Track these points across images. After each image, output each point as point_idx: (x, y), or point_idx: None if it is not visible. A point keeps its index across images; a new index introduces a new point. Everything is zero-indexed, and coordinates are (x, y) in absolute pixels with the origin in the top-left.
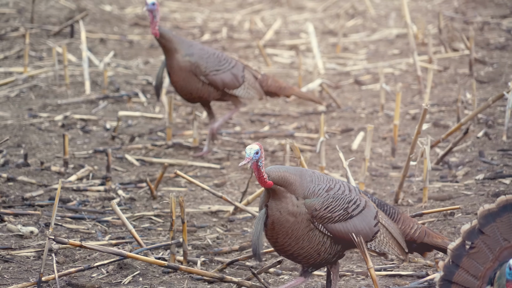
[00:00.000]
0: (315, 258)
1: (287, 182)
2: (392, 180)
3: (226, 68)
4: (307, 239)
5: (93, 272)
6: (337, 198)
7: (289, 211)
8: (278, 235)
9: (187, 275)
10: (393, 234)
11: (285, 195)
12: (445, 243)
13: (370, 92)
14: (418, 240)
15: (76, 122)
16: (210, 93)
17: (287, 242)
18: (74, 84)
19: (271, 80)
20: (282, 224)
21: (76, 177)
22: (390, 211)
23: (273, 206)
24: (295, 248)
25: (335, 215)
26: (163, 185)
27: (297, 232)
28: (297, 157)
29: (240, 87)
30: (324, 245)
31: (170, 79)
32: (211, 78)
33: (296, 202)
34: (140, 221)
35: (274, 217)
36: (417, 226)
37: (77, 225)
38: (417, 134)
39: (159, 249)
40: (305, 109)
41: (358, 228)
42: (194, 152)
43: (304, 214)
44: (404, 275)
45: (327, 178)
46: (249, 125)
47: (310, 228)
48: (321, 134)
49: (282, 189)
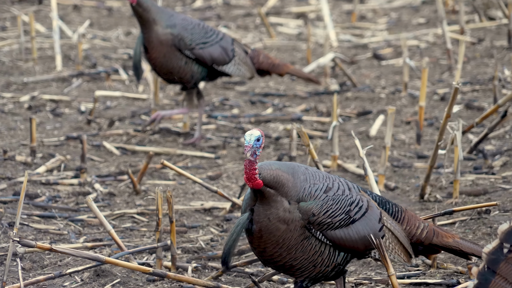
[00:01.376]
0: (310, 271)
1: (279, 183)
2: (417, 172)
3: (214, 40)
4: (301, 248)
5: (65, 280)
6: (338, 200)
7: (280, 217)
8: (266, 244)
9: (176, 284)
10: (399, 239)
11: (275, 199)
12: (458, 243)
13: (391, 68)
14: (426, 242)
15: (45, 104)
16: (193, 73)
17: (277, 252)
18: (42, 59)
19: (262, 56)
20: (271, 232)
21: (45, 168)
22: (392, 210)
23: (260, 211)
24: (287, 259)
25: (335, 221)
26: (148, 177)
27: (290, 241)
28: (306, 144)
29: (231, 63)
30: (321, 256)
31: (147, 56)
32: (197, 53)
33: (288, 207)
34: (121, 220)
35: (262, 224)
36: (423, 225)
37: (46, 225)
38: (447, 117)
39: (143, 253)
40: (315, 88)
41: (361, 234)
42: (184, 139)
43: (298, 220)
44: (431, 283)
45: (323, 176)
46: (249, 107)
47: (305, 236)
48: (333, 117)
49: (272, 192)
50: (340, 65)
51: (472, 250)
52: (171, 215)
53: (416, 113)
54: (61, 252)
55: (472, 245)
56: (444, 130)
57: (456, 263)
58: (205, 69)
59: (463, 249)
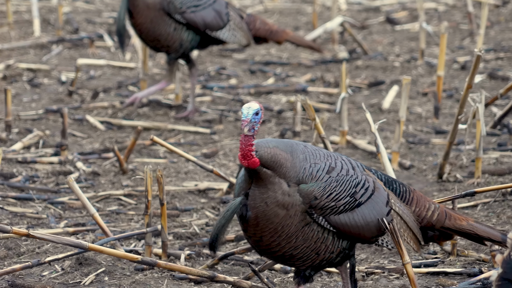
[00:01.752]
0: (313, 259)
1: (277, 162)
2: (435, 149)
3: (206, 3)
4: (302, 236)
5: (44, 269)
6: (342, 181)
7: (279, 201)
8: (263, 232)
9: (167, 273)
10: (408, 224)
11: (273, 181)
12: (472, 226)
13: (406, 33)
14: (438, 225)
15: (22, 73)
16: (182, 41)
17: (276, 241)
18: (19, 24)
19: (259, 22)
20: (269, 219)
21: (21, 145)
22: (400, 190)
23: (256, 195)
24: (286, 248)
25: (340, 204)
26: (136, 155)
27: (289, 228)
28: (311, 118)
29: (225, 28)
30: (324, 242)
31: (132, 21)
32: (189, 17)
33: (287, 189)
34: (106, 202)
35: (259, 210)
36: (434, 206)
37: (23, 207)
38: (468, 88)
39: (131, 239)
40: (322, 56)
41: (368, 219)
42: (176, 112)
43: (299, 205)
44: (451, 272)
45: (324, 154)
46: (248, 77)
47: (306, 221)
48: (342, 88)
49: (269, 172)
50: (349, 30)
51: (488, 234)
52: (161, 197)
53: (433, 83)
54: (39, 238)
55: (489, 229)
56: (465, 102)
57: (478, 250)
58: (196, 36)
59: (478, 233)
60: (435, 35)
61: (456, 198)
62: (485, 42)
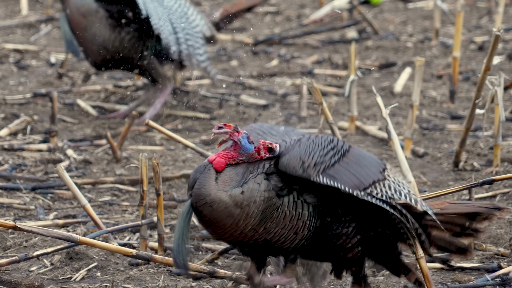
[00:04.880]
0: (292, 240)
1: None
2: (451, 136)
3: None
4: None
5: (32, 264)
6: (315, 141)
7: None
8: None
9: (163, 268)
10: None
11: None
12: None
13: (419, 12)
14: None
15: (8, 55)
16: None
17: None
18: (5, 1)
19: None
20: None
21: (8, 131)
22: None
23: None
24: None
25: (328, 157)
26: (130, 142)
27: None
28: (318, 103)
29: None
30: (302, 218)
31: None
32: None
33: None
34: (98, 192)
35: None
36: None
37: (9, 198)
38: (486, 70)
39: (125, 232)
40: (329, 36)
41: (365, 162)
42: (173, 97)
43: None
44: (468, 268)
45: (288, 130)
46: (250, 59)
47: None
48: (351, 71)
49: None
50: (358, 9)
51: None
52: (157, 186)
53: (449, 65)
54: (27, 230)
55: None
56: (483, 85)
57: (497, 243)
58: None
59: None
60: (450, 13)
61: (473, 186)
62: (504, 21)
